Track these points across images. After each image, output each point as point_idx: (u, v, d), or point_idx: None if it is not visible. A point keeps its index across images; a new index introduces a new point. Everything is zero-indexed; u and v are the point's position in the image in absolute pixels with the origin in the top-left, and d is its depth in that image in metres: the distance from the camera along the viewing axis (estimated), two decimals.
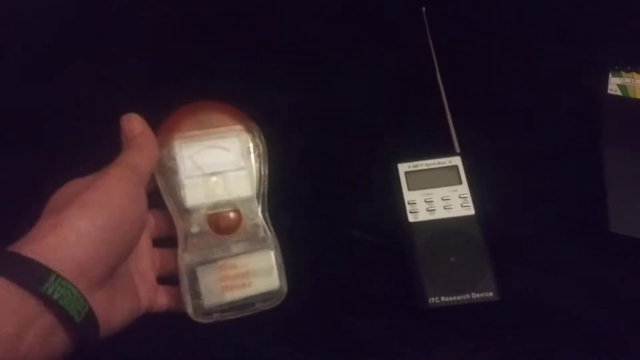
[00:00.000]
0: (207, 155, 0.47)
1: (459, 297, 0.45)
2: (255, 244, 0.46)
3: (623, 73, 0.55)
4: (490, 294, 0.45)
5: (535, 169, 0.54)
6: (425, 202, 0.49)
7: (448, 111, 0.55)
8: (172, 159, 0.47)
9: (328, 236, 0.52)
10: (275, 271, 0.46)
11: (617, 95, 0.55)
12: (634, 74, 0.55)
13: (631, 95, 0.54)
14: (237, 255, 0.45)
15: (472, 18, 0.65)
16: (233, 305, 0.45)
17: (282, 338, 0.47)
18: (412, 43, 0.62)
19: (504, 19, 0.65)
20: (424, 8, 0.62)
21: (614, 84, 0.55)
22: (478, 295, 0.45)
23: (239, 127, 0.49)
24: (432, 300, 0.45)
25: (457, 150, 0.53)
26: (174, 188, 0.46)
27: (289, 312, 0.48)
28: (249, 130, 0.49)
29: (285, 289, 0.46)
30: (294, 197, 0.54)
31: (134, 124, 0.45)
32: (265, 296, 0.45)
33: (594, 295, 0.48)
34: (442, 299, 0.45)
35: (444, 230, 0.48)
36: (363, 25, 0.65)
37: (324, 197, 0.54)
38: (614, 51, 0.60)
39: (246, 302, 0.45)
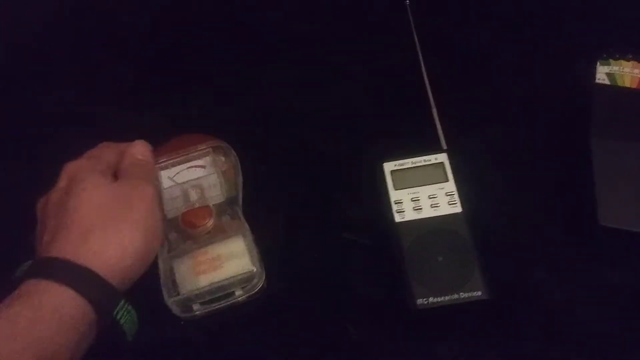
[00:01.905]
0: (184, 173, 0.52)
1: (447, 298, 0.44)
2: (226, 234, 0.49)
3: (611, 61, 0.54)
4: (479, 293, 0.44)
5: (523, 163, 0.53)
6: (412, 201, 0.49)
7: (434, 107, 0.55)
8: (156, 182, 0.51)
9: (318, 238, 0.52)
10: (247, 254, 0.48)
11: (605, 85, 0.53)
12: (622, 61, 0.54)
13: (619, 83, 0.53)
14: (209, 244, 0.48)
15: (457, 11, 0.64)
16: (210, 292, 0.46)
17: (272, 342, 0.47)
18: (397, 39, 0.61)
19: (488, 12, 0.64)
20: (407, 2, 0.61)
21: (602, 73, 0.54)
22: (467, 294, 0.44)
23: (210, 148, 0.53)
24: (420, 301, 0.45)
25: (444, 147, 0.52)
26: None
27: (278, 315, 0.48)
28: (219, 148, 0.54)
29: (262, 275, 0.47)
30: (283, 199, 0.54)
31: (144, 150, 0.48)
32: (242, 280, 0.47)
33: (585, 289, 0.47)
34: (431, 300, 0.44)
35: (431, 229, 0.47)
36: (348, 24, 0.64)
37: (313, 198, 0.54)
38: (602, 39, 0.59)
39: (223, 287, 0.47)
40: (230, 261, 0.48)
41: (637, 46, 0.55)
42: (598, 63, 0.54)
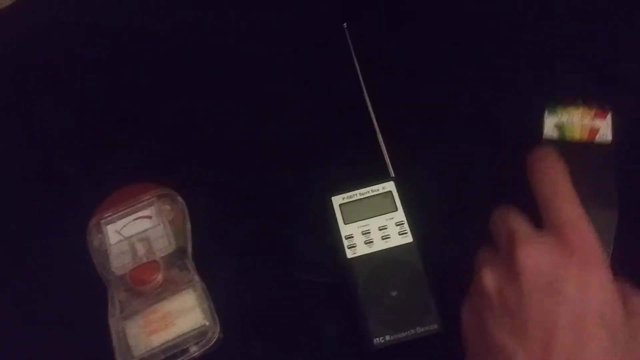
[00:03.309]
0: (131, 226, 0.51)
1: (404, 334, 0.44)
2: (176, 288, 0.48)
3: (559, 109, 0.48)
4: (435, 326, 0.43)
5: (472, 183, 0.52)
6: (363, 234, 0.48)
7: (379, 133, 0.54)
8: (102, 238, 0.51)
9: (273, 279, 0.51)
10: (198, 308, 0.47)
11: (554, 140, 0.48)
12: (571, 108, 0.48)
13: (569, 136, 0.47)
14: (159, 301, 0.47)
15: (398, 31, 0.63)
16: (165, 351, 0.46)
17: None
18: (340, 64, 0.59)
19: (431, 33, 0.62)
20: (345, 24, 0.60)
21: (550, 126, 0.48)
22: (423, 329, 0.44)
23: (154, 197, 0.52)
24: (377, 340, 0.44)
25: (392, 174, 0.52)
26: (106, 261, 0.50)
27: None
28: (165, 196, 0.53)
29: (215, 327, 0.47)
30: (235, 242, 0.53)
31: None
32: (195, 336, 0.46)
33: None
34: (387, 338, 0.44)
35: (384, 263, 0.47)
36: (289, 51, 0.63)
37: (266, 238, 0.53)
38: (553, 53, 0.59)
39: (177, 345, 0.46)
40: (181, 317, 0.47)
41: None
42: (546, 112, 0.49)
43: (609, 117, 0.47)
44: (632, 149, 0.49)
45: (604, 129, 0.47)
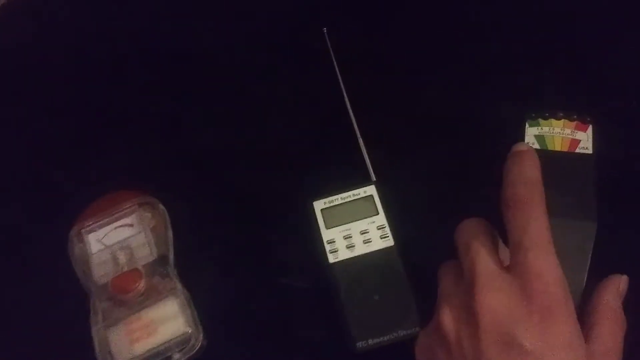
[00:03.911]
0: (113, 234, 0.51)
1: (386, 337, 0.44)
2: (159, 296, 0.48)
3: (540, 121, 0.49)
4: (417, 329, 0.43)
5: (453, 186, 0.52)
6: (344, 239, 0.48)
7: (360, 137, 0.54)
8: (83, 247, 0.51)
9: (256, 285, 0.51)
10: (180, 316, 0.47)
11: (535, 149, 0.47)
12: (552, 120, 0.48)
13: (549, 146, 0.47)
14: (142, 309, 0.47)
15: (378, 33, 0.63)
16: (148, 358, 0.46)
17: None
18: (320, 68, 0.60)
19: (411, 34, 0.62)
20: (325, 29, 0.60)
21: (530, 136, 0.48)
22: (405, 332, 0.44)
23: (135, 205, 0.52)
24: (360, 344, 0.44)
25: (373, 178, 0.52)
26: (87, 270, 0.50)
27: None
28: (146, 204, 0.53)
29: (198, 334, 0.47)
30: (218, 248, 0.53)
31: None
32: (178, 344, 0.46)
33: None
34: (370, 342, 0.44)
35: (365, 267, 0.47)
36: (270, 55, 0.63)
37: (248, 244, 0.53)
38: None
39: (160, 352, 0.46)
40: (164, 325, 0.46)
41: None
42: (527, 124, 0.49)
43: (590, 129, 0.48)
44: (612, 161, 0.49)
45: (585, 141, 0.48)
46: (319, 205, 0.50)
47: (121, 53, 0.65)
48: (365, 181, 0.51)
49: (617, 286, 0.37)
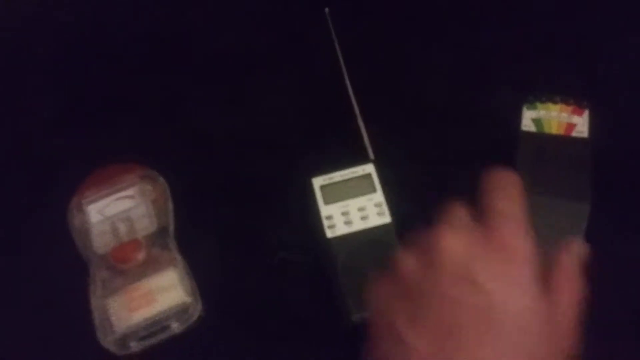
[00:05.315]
0: (113, 206, 0.52)
1: None
2: (158, 266, 0.48)
3: (538, 105, 0.50)
4: None
5: (449, 166, 0.53)
6: (342, 214, 0.49)
7: (359, 117, 0.55)
8: (85, 217, 0.51)
9: (253, 260, 0.52)
10: (179, 286, 0.47)
11: (531, 132, 0.49)
12: (550, 104, 0.49)
13: (546, 129, 0.48)
14: (141, 279, 0.48)
15: (380, 16, 0.63)
16: (146, 327, 0.46)
17: None
18: (320, 48, 0.60)
19: (412, 16, 0.63)
20: (327, 9, 0.61)
21: (528, 119, 0.49)
22: None
23: (137, 177, 0.53)
24: (355, 317, 0.45)
25: (372, 157, 0.53)
26: (87, 240, 0.50)
27: (217, 343, 0.48)
28: (147, 177, 0.53)
29: (197, 305, 0.47)
30: (216, 223, 0.54)
31: None
32: (177, 313, 0.47)
33: None
34: (365, 314, 0.45)
35: (362, 242, 0.48)
36: (270, 36, 0.63)
37: (246, 219, 0.54)
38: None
39: (158, 321, 0.46)
40: (163, 294, 0.47)
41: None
42: (525, 108, 0.50)
43: (586, 113, 0.49)
44: (607, 145, 0.50)
45: (581, 124, 0.49)
46: (318, 181, 0.51)
47: (127, 32, 0.65)
48: (363, 160, 0.52)
49: (575, 249, 0.34)
